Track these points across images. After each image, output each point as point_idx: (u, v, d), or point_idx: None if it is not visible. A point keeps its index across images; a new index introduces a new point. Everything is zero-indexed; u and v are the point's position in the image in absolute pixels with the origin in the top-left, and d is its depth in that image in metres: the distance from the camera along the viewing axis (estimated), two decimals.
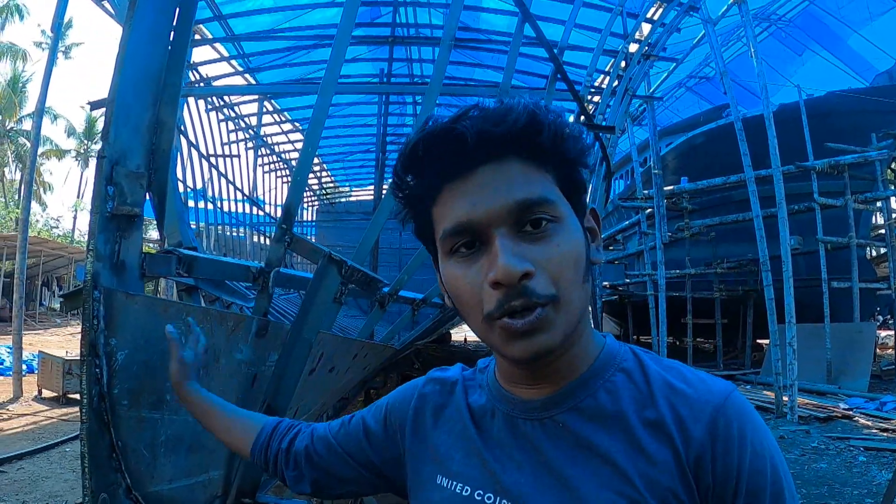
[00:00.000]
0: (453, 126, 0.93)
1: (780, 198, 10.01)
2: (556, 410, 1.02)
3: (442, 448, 1.16)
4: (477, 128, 0.91)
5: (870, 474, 7.54)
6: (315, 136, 3.35)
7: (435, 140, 0.95)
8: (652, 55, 10.16)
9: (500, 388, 1.11)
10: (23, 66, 43.52)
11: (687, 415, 0.95)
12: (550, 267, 0.92)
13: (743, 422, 0.94)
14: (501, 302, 0.91)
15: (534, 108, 0.94)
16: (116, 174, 2.03)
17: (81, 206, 56.37)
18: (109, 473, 2.11)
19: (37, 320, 32.25)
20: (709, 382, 1.00)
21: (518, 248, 0.91)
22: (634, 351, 1.08)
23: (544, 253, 0.92)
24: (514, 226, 0.93)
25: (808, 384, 12.80)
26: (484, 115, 0.93)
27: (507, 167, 0.94)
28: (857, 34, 20.62)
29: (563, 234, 0.94)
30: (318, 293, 2.90)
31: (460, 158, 0.94)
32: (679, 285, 18.53)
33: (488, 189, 0.93)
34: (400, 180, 1.02)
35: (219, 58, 12.96)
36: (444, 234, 0.97)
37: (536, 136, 0.93)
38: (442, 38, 4.49)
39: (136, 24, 2.06)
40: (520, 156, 0.95)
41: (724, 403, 0.95)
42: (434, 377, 1.28)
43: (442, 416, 1.20)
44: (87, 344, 2.00)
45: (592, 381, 1.03)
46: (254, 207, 17.48)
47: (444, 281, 1.02)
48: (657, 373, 1.02)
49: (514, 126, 0.92)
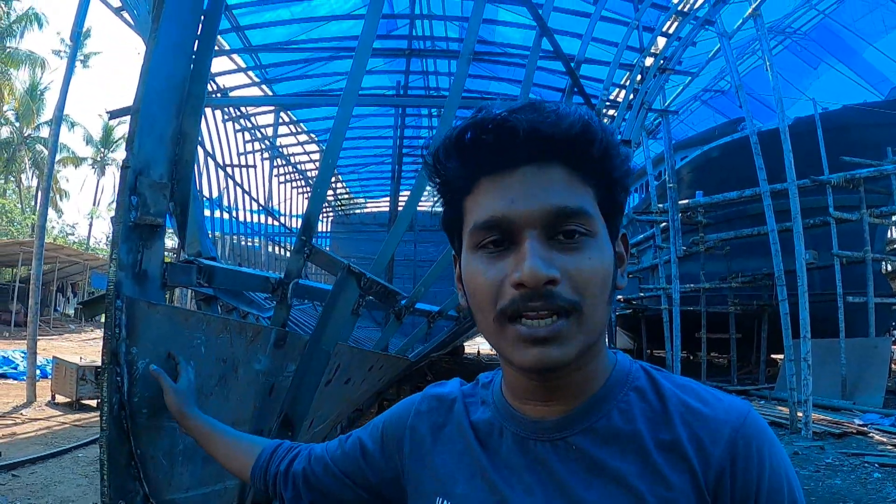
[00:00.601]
0: (507, 118, 0.91)
1: (795, 212, 9.97)
2: (569, 432, 0.99)
3: (442, 469, 1.12)
4: (530, 124, 0.90)
5: (885, 491, 7.47)
6: (335, 148, 3.37)
7: (485, 128, 0.92)
8: (667, 69, 10.18)
9: (507, 405, 1.08)
10: (41, 74, 43.90)
11: (705, 435, 0.93)
12: (577, 277, 0.90)
13: (761, 441, 0.93)
14: (518, 300, 0.89)
15: (589, 120, 0.92)
16: (140, 184, 2.05)
17: (97, 214, 56.80)
18: (128, 481, 2.12)
19: (51, 326, 32.41)
20: (725, 401, 0.97)
21: (548, 253, 0.89)
22: (646, 369, 1.06)
23: (573, 263, 0.90)
24: (547, 231, 0.91)
25: (822, 400, 12.70)
26: (539, 114, 0.91)
27: (551, 171, 0.92)
28: (872, 47, 20.56)
29: (595, 250, 0.92)
30: (337, 305, 2.91)
31: (506, 152, 0.92)
32: (693, 299, 18.45)
33: (528, 189, 0.91)
34: (440, 165, 0.99)
35: (236, 69, 13.05)
36: (475, 227, 0.95)
37: (587, 147, 0.92)
38: (461, 51, 4.51)
39: (161, 36, 2.08)
40: (566, 163, 0.93)
41: (744, 423, 0.93)
42: (431, 394, 1.25)
43: (441, 434, 1.16)
44: (109, 352, 2.01)
45: (605, 400, 1.00)
46: (269, 217, 17.53)
47: (464, 275, 0.99)
48: (671, 391, 1.00)
49: (569, 131, 0.90)
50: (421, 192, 4.64)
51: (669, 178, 16.00)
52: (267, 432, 2.77)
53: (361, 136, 18.46)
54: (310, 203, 3.29)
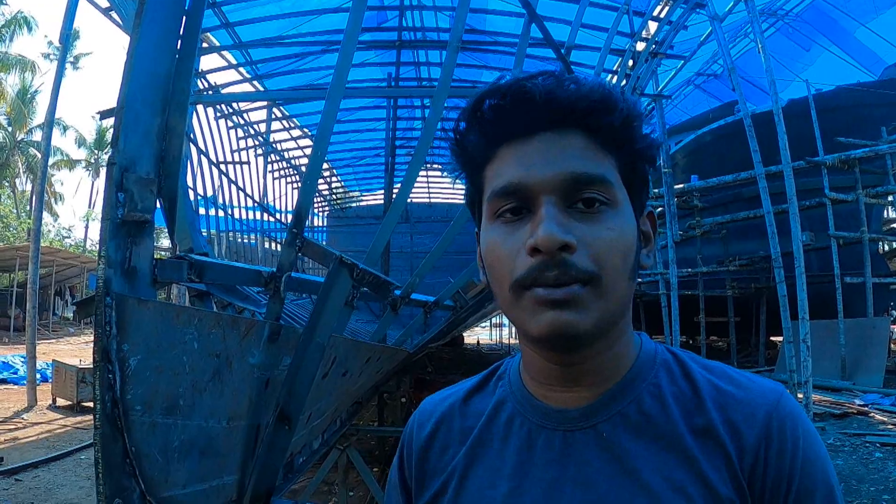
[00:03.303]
0: (523, 84, 0.89)
1: (790, 194, 9.95)
2: (598, 419, 0.94)
3: (450, 474, 1.04)
4: (546, 90, 0.88)
5: (886, 470, 7.49)
6: (324, 141, 3.36)
7: (502, 95, 0.91)
8: (659, 53, 10.16)
9: (527, 394, 1.02)
10: (32, 77, 43.80)
11: (739, 419, 0.90)
12: (596, 246, 0.86)
13: (796, 424, 0.90)
14: (534, 268, 0.86)
15: (611, 89, 0.91)
16: (127, 180, 2.04)
17: (93, 216, 56.65)
18: (123, 479, 2.11)
19: (50, 329, 32.44)
20: (757, 383, 0.95)
21: (565, 220, 0.86)
22: (672, 351, 1.03)
23: (592, 232, 0.87)
24: (565, 198, 0.88)
25: (822, 381, 12.71)
26: (558, 81, 0.90)
27: (569, 138, 0.90)
28: (865, 27, 20.50)
29: (615, 220, 0.89)
30: (330, 296, 2.90)
31: (524, 119, 0.90)
32: (691, 284, 18.44)
33: (546, 156, 0.89)
34: (460, 136, 0.98)
35: (227, 66, 13.02)
36: (492, 195, 0.93)
37: (606, 115, 0.90)
38: (449, 41, 4.49)
39: (144, 31, 2.07)
40: (585, 131, 0.90)
41: (778, 405, 0.91)
42: (420, 409, 1.16)
43: (441, 441, 1.08)
44: (100, 350, 2.00)
45: (634, 384, 0.96)
46: (264, 214, 17.50)
47: (483, 247, 0.96)
48: (701, 374, 0.97)
49: (587, 97, 0.89)
50: (413, 181, 4.64)
51: (664, 163, 15.98)
52: (264, 426, 2.77)
53: (354, 129, 18.41)
54: (300, 196, 3.28)
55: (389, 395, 10.98)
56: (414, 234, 21.99)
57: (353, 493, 8.32)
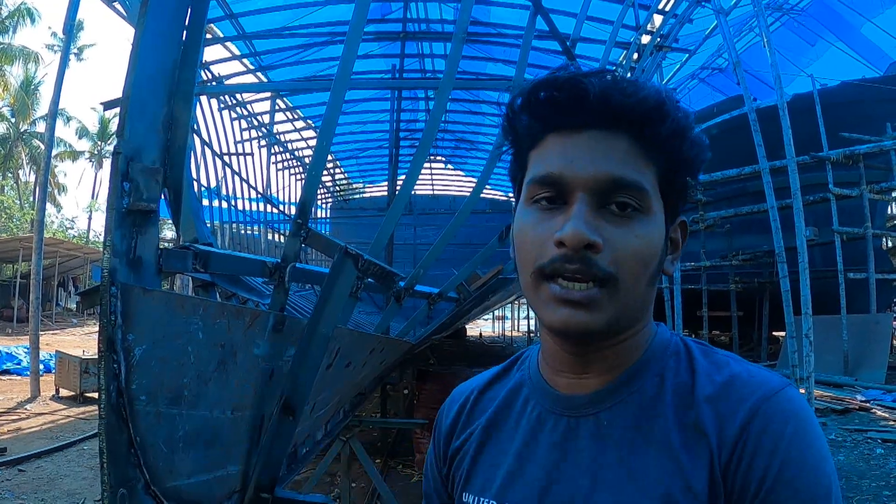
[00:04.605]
0: (581, 79, 0.91)
1: (795, 188, 9.93)
2: (600, 407, 0.97)
3: (473, 456, 1.10)
4: (602, 89, 0.90)
5: (887, 466, 7.50)
6: (328, 133, 3.35)
7: (558, 86, 0.93)
8: (664, 46, 10.10)
9: (542, 380, 1.06)
10: (35, 68, 43.82)
11: (726, 412, 0.89)
12: (620, 250, 0.89)
13: (786, 422, 0.86)
14: (556, 259, 0.89)
15: (666, 97, 0.92)
16: (132, 170, 2.03)
17: (96, 207, 56.81)
18: (128, 469, 2.11)
19: (53, 320, 32.55)
20: (758, 376, 0.92)
21: (595, 220, 0.90)
22: (686, 342, 1.03)
23: (619, 235, 0.90)
24: (599, 198, 0.91)
25: (824, 376, 12.71)
26: (615, 81, 0.91)
27: (615, 140, 0.92)
28: (871, 23, 20.43)
29: (645, 227, 0.92)
30: (335, 287, 2.89)
31: (575, 113, 0.92)
32: (694, 278, 18.43)
33: (590, 153, 0.91)
34: (513, 115, 1.00)
35: (230, 56, 12.97)
36: (531, 180, 0.96)
37: (657, 124, 0.91)
38: (454, 32, 4.48)
39: (150, 20, 2.06)
40: (632, 135, 0.92)
41: (768, 400, 0.88)
42: (449, 398, 1.23)
43: (464, 424, 1.15)
44: (105, 340, 1.99)
45: (639, 374, 0.98)
46: (268, 205, 17.49)
47: (515, 227, 1.00)
48: (704, 367, 0.96)
49: (641, 104, 0.90)
50: (417, 173, 4.62)
51: None
52: (268, 417, 2.76)
53: (358, 121, 18.37)
54: (305, 186, 3.28)
55: (392, 387, 10.98)
56: (417, 226, 21.96)
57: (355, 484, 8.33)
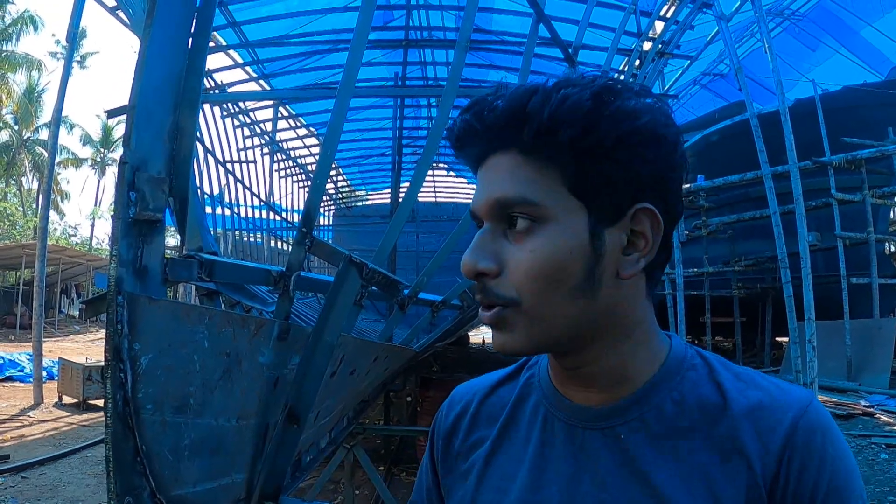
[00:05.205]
0: (464, 116, 0.89)
1: (797, 194, 9.94)
2: (617, 421, 0.93)
3: (472, 462, 1.06)
4: (476, 116, 0.88)
5: (892, 471, 7.47)
6: (333, 140, 3.36)
7: (455, 130, 0.92)
8: (666, 53, 10.12)
9: (553, 388, 1.02)
10: (38, 76, 43.95)
11: (764, 428, 0.86)
12: (515, 272, 0.86)
13: (825, 437, 0.85)
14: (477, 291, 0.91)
15: (523, 95, 0.84)
16: (138, 180, 2.04)
17: (99, 214, 56.85)
18: (134, 477, 2.12)
19: (56, 327, 32.54)
20: (786, 389, 0.90)
21: (493, 245, 0.88)
22: (702, 354, 0.99)
23: (514, 254, 0.86)
24: (500, 222, 0.89)
25: (828, 381, 12.68)
26: (485, 104, 0.88)
27: (507, 159, 0.88)
28: (871, 27, 20.44)
29: (542, 239, 0.85)
30: (339, 296, 2.90)
31: (474, 147, 0.92)
32: (697, 284, 18.42)
33: (485, 181, 0.90)
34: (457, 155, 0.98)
35: (233, 64, 13.03)
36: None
37: (519, 130, 0.85)
38: (457, 40, 4.49)
39: (156, 29, 2.07)
40: (521, 147, 0.86)
41: (805, 413, 0.86)
42: (451, 396, 1.19)
43: (465, 428, 1.11)
44: (112, 349, 2.00)
45: (658, 389, 0.93)
46: (271, 212, 17.52)
47: None
48: (729, 381, 0.92)
49: (504, 114, 0.85)
50: (421, 181, 4.63)
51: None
52: (273, 425, 2.77)
53: (361, 128, 18.40)
54: (309, 194, 3.29)
55: (395, 394, 10.98)
56: (420, 234, 21.98)
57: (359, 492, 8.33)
